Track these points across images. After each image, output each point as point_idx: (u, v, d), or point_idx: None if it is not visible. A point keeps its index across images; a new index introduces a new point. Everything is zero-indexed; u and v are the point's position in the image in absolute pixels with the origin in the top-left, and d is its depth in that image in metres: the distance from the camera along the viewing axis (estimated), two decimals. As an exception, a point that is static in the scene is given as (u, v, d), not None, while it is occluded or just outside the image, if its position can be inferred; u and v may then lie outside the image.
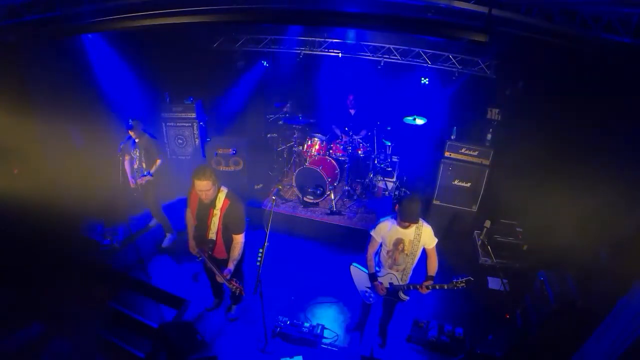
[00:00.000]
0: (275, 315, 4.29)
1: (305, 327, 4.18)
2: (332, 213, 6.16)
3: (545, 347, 3.90)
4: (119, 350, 3.90)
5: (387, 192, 6.83)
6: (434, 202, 6.10)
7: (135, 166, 5.19)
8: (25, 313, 4.19)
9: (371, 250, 3.60)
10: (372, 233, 3.54)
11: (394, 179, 7.09)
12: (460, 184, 5.94)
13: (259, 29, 7.24)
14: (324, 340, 4.19)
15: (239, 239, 3.63)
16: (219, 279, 3.56)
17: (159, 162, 5.16)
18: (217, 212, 3.53)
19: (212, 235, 3.62)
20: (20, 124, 4.55)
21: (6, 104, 4.41)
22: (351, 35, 6.82)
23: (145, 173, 5.09)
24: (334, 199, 6.26)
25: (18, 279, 4.46)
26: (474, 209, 5.99)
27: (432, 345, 4.17)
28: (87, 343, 4.01)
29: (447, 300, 4.83)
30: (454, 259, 5.48)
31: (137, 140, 5.08)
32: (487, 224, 4.52)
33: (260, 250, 3.50)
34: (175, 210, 5.74)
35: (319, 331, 4.17)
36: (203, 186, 3.36)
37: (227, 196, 3.56)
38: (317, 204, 6.27)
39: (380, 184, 6.98)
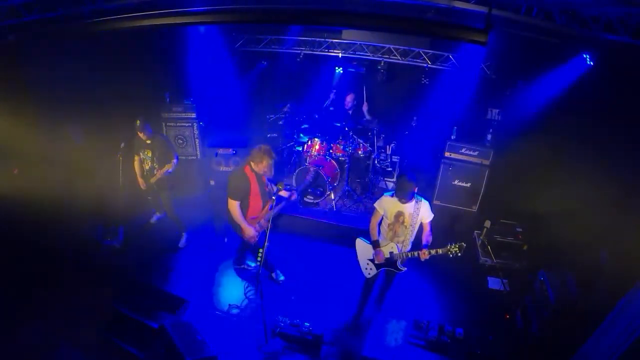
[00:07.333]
0: (276, 315, 4.29)
1: (305, 327, 4.17)
2: (332, 213, 6.16)
3: (545, 347, 3.90)
4: (120, 350, 3.90)
5: (387, 192, 6.83)
6: (434, 202, 6.10)
7: (147, 167, 5.07)
8: (26, 314, 4.19)
9: (374, 220, 3.91)
10: (376, 205, 3.87)
11: (394, 179, 7.08)
12: (460, 184, 5.95)
13: (258, 28, 7.23)
14: (324, 340, 4.18)
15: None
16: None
17: (174, 161, 5.05)
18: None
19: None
20: (20, 124, 4.56)
21: (6, 104, 4.41)
22: (351, 35, 6.81)
23: (165, 172, 5.02)
24: (334, 199, 6.26)
25: (18, 279, 4.46)
26: (474, 209, 5.99)
27: (432, 345, 4.16)
28: (88, 344, 4.01)
29: (447, 300, 4.84)
30: (453, 258, 5.50)
31: (148, 142, 4.95)
32: (487, 224, 4.53)
33: (260, 250, 3.57)
34: (187, 209, 5.72)
35: (318, 331, 4.17)
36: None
37: None
38: (317, 204, 6.27)
39: (380, 184, 6.98)
